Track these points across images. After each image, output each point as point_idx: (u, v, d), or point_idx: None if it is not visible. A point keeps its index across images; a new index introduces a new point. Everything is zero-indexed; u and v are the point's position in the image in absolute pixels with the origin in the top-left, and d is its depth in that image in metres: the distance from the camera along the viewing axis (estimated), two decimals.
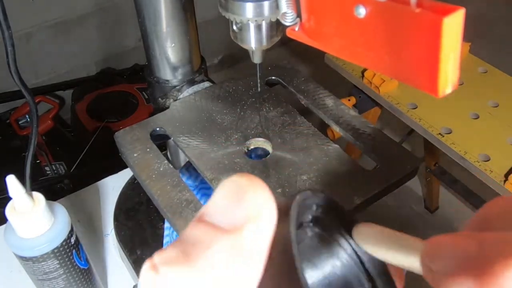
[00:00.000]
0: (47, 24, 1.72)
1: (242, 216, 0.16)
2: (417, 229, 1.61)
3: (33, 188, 0.53)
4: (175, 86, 0.59)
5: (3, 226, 0.54)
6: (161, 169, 0.50)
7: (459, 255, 0.17)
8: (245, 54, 0.47)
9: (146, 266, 0.16)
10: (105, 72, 1.85)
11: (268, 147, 0.53)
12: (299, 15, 0.33)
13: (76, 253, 0.55)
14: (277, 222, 0.17)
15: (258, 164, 0.50)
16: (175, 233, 0.57)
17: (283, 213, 0.18)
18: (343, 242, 0.23)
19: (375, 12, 0.26)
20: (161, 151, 0.52)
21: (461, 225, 1.58)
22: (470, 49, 1.28)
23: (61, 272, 0.54)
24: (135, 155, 0.51)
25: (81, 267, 0.57)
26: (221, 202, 0.17)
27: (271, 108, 0.57)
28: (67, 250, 0.54)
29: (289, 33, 0.34)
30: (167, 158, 0.58)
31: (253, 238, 0.16)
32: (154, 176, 0.49)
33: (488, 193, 1.13)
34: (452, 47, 0.23)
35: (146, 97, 1.59)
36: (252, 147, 0.53)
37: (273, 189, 0.47)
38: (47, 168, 1.43)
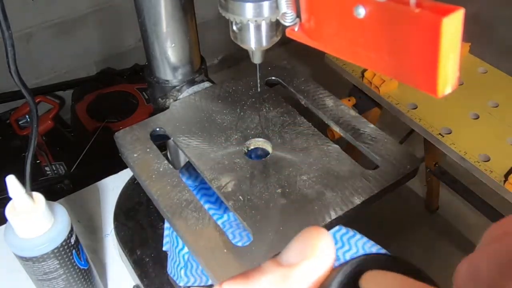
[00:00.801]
0: (47, 24, 1.72)
1: (300, 256, 0.19)
2: (417, 229, 1.61)
3: (33, 188, 0.53)
4: (175, 86, 0.59)
5: (3, 226, 0.54)
6: (161, 169, 0.50)
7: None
8: (245, 54, 0.47)
9: (216, 285, 0.19)
10: (105, 72, 1.85)
11: (268, 147, 0.53)
12: (298, 15, 0.33)
13: (76, 253, 0.55)
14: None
15: (258, 164, 0.50)
16: (175, 233, 0.57)
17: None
18: None
19: (374, 12, 0.26)
20: (161, 151, 0.52)
21: (461, 225, 1.58)
22: (470, 49, 1.28)
23: (61, 272, 0.54)
24: (135, 155, 0.51)
25: (81, 267, 0.57)
26: (291, 246, 0.20)
27: (271, 108, 0.57)
28: (67, 250, 0.54)
29: (288, 34, 0.34)
30: (167, 158, 0.58)
31: (303, 275, 0.18)
32: (154, 176, 0.49)
33: (488, 193, 1.13)
34: (452, 47, 0.23)
35: (146, 97, 1.59)
36: (252, 147, 0.53)
37: (273, 189, 0.47)
38: (47, 168, 1.43)
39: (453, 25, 0.22)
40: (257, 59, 0.47)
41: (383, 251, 0.50)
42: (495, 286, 0.17)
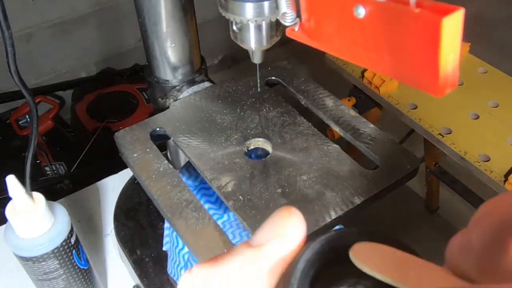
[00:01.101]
0: (47, 24, 1.72)
1: (270, 236, 0.19)
2: (417, 229, 1.61)
3: (33, 188, 0.53)
4: (175, 86, 0.59)
5: (3, 226, 0.54)
6: (161, 169, 0.50)
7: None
8: (245, 54, 0.47)
9: (187, 270, 0.20)
10: (105, 72, 1.85)
11: (268, 147, 0.53)
12: (298, 15, 0.33)
13: (76, 253, 0.55)
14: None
15: (258, 164, 0.50)
16: (175, 233, 0.57)
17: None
18: None
19: (374, 12, 0.26)
20: (161, 151, 0.52)
21: (461, 225, 1.58)
22: (470, 49, 1.28)
23: (61, 272, 0.54)
24: (135, 155, 0.51)
25: (81, 267, 0.57)
26: (262, 227, 0.20)
27: (271, 108, 0.57)
28: (67, 250, 0.54)
29: (289, 33, 0.34)
30: (167, 158, 0.58)
31: (271, 253, 0.19)
32: (154, 176, 0.49)
33: (488, 193, 1.13)
34: (452, 47, 0.23)
35: (146, 97, 1.59)
36: (252, 147, 0.53)
37: (273, 189, 0.47)
38: (47, 168, 1.43)
39: (453, 25, 0.22)
40: (257, 59, 0.47)
41: None
42: (485, 255, 0.18)
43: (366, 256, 0.18)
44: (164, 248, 0.61)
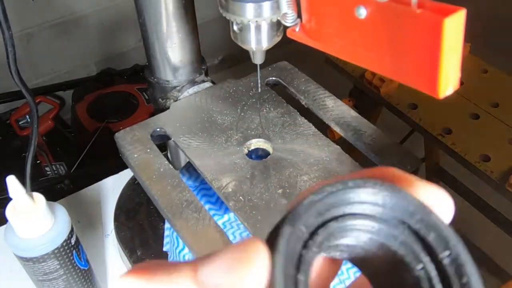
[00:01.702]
0: (47, 24, 1.72)
1: (223, 279, 0.16)
2: None
3: (33, 189, 0.53)
4: (175, 87, 0.59)
5: (3, 226, 0.54)
6: (162, 169, 0.50)
7: None
8: (245, 54, 0.47)
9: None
10: (106, 72, 1.85)
11: (268, 147, 0.53)
12: (299, 15, 0.33)
13: (76, 254, 0.55)
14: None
15: (259, 165, 0.50)
16: (175, 233, 0.57)
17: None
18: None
19: (375, 12, 0.26)
20: (162, 151, 0.52)
21: (461, 225, 1.57)
22: (471, 49, 1.28)
23: (61, 273, 0.54)
24: (135, 155, 0.51)
25: (81, 267, 0.57)
26: (216, 259, 0.17)
27: (272, 109, 0.57)
28: (67, 251, 0.54)
29: (289, 34, 0.34)
30: (168, 159, 0.58)
31: None
32: (154, 176, 0.49)
33: (488, 193, 1.13)
34: (453, 48, 0.23)
35: (147, 97, 1.59)
36: (252, 147, 0.53)
37: (273, 190, 0.47)
38: (47, 169, 1.43)
39: (454, 25, 0.22)
40: (257, 59, 0.47)
41: None
42: None
43: None
44: (164, 249, 0.61)
